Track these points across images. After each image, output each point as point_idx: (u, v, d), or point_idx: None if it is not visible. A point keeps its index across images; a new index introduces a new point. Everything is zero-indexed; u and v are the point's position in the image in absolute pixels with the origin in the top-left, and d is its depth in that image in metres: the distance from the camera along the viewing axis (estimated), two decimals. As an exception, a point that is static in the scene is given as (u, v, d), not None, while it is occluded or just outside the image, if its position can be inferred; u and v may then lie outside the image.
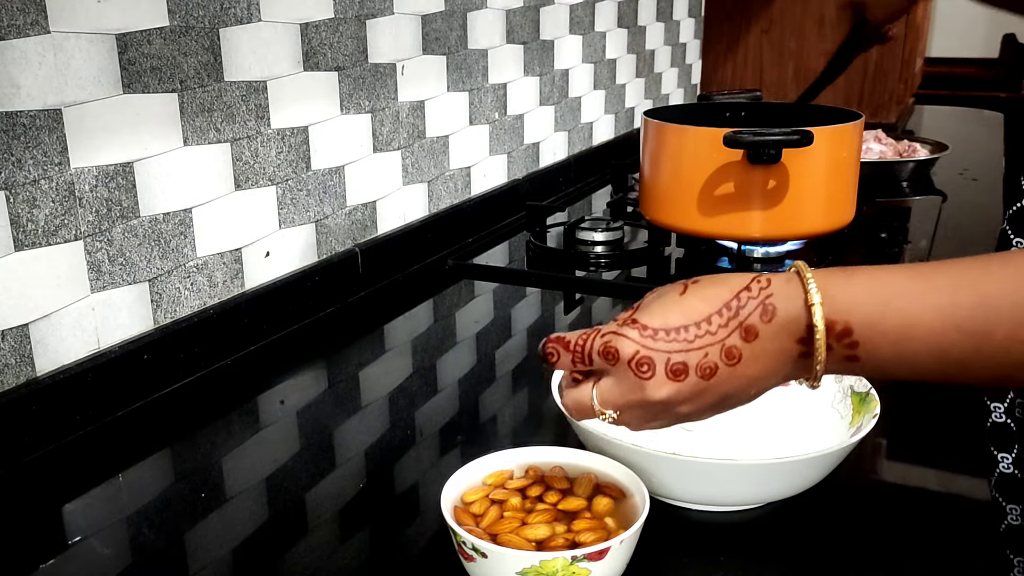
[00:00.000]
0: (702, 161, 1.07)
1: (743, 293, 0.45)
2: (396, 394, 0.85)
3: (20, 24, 0.69)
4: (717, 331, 0.45)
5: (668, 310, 0.47)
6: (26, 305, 0.73)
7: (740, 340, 0.45)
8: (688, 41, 2.14)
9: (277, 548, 0.61)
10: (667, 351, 0.46)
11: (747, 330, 0.45)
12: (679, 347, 0.46)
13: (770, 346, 0.45)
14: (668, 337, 0.46)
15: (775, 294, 0.45)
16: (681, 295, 0.47)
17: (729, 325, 0.45)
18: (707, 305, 0.46)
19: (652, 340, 0.47)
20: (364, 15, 1.06)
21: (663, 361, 0.46)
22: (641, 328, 0.47)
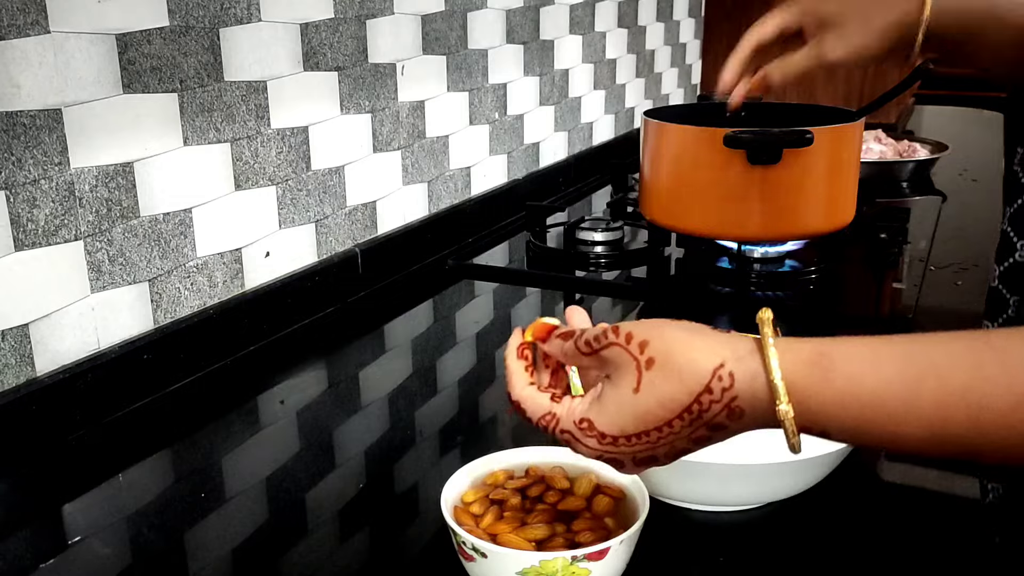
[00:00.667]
0: (702, 161, 1.07)
1: (704, 396, 0.41)
2: (396, 394, 0.85)
3: (20, 24, 0.69)
4: (681, 431, 0.43)
5: (623, 414, 0.44)
6: (26, 305, 0.73)
7: (707, 431, 0.42)
8: (688, 41, 2.13)
9: (277, 548, 0.61)
10: (631, 452, 0.44)
11: (714, 427, 0.42)
12: (642, 448, 0.44)
13: (746, 429, 0.42)
14: (629, 443, 0.44)
15: (739, 396, 0.41)
16: (635, 392, 0.43)
17: (693, 426, 0.42)
18: (665, 411, 0.42)
19: (613, 447, 0.44)
20: (364, 15, 1.06)
21: (629, 459, 0.45)
22: (599, 437, 0.45)
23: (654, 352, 0.43)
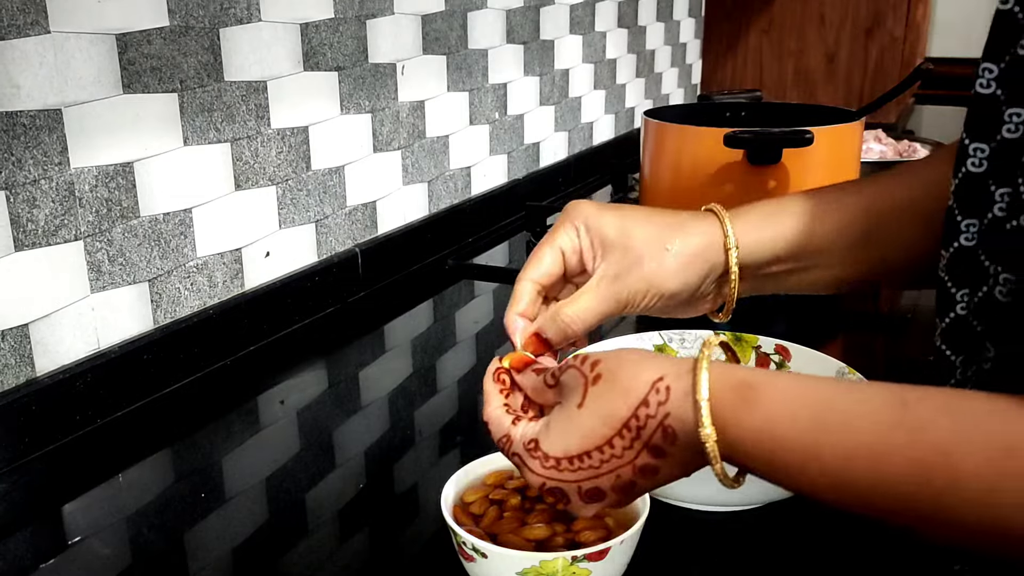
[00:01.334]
0: (702, 161, 1.07)
1: (641, 409, 0.41)
2: (396, 394, 0.85)
3: (20, 24, 0.69)
4: (623, 454, 0.42)
5: (568, 432, 0.43)
6: (26, 305, 0.73)
7: (651, 458, 0.41)
8: (688, 41, 2.14)
9: (277, 548, 0.61)
10: (575, 480, 0.43)
11: (654, 450, 0.41)
12: (586, 475, 0.43)
13: (684, 457, 0.41)
14: (572, 467, 0.43)
15: (672, 413, 0.40)
16: (579, 407, 0.43)
17: (634, 447, 0.41)
18: (605, 427, 0.42)
19: (556, 471, 0.44)
20: (364, 15, 1.06)
21: (574, 490, 0.44)
22: (543, 458, 0.44)
23: (603, 369, 0.43)
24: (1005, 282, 0.39)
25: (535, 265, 0.52)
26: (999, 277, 0.40)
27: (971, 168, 0.42)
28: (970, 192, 0.42)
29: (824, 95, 2.20)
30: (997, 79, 0.41)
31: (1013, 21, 0.40)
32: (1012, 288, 0.39)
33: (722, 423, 0.39)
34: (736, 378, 0.40)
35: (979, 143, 0.41)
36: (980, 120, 0.41)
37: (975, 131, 0.42)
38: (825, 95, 2.20)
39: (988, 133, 0.41)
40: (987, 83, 0.41)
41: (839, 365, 0.72)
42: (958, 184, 0.43)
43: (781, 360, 0.75)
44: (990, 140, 0.41)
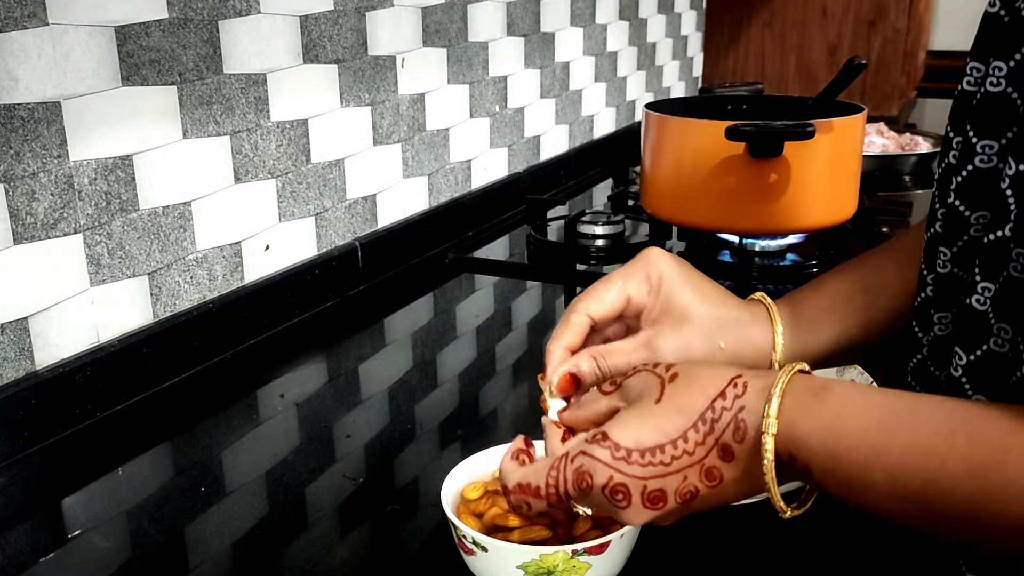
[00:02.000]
0: (704, 154, 1.06)
1: (718, 402, 0.42)
2: (396, 388, 0.85)
3: (18, 16, 0.68)
4: (695, 450, 0.42)
5: (643, 424, 0.43)
6: (25, 299, 0.73)
7: (719, 460, 0.42)
8: (690, 34, 2.13)
9: (277, 542, 0.61)
10: (643, 477, 0.43)
11: (724, 449, 0.42)
12: (655, 472, 0.42)
13: (749, 468, 0.42)
14: (643, 460, 0.42)
15: (747, 407, 0.41)
16: (657, 402, 0.43)
17: (706, 442, 0.42)
18: (682, 418, 0.42)
19: (626, 464, 0.43)
20: (364, 7, 1.05)
21: (639, 489, 0.43)
22: (614, 448, 0.43)
23: (679, 369, 0.44)
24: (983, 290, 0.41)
25: (597, 301, 0.52)
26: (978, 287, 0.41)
27: (979, 164, 0.42)
28: (979, 188, 0.43)
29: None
30: (1007, 77, 0.41)
31: (1000, 23, 0.41)
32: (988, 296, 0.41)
33: (794, 418, 0.41)
34: (812, 382, 0.42)
35: (988, 140, 0.42)
36: (990, 117, 0.42)
37: (984, 129, 0.42)
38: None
39: (999, 129, 0.42)
40: (997, 81, 0.42)
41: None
42: (963, 180, 0.43)
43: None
44: (1001, 136, 0.41)
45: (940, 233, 0.45)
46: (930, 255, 0.46)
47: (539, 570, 0.51)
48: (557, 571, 0.51)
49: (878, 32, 2.11)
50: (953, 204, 0.44)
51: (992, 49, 0.42)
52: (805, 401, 0.41)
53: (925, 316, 0.47)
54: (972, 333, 0.42)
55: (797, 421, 0.40)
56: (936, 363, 0.46)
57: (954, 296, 0.45)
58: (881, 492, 0.39)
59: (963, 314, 0.43)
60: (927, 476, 0.37)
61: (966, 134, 0.43)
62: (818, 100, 1.13)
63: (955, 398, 0.40)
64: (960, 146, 0.44)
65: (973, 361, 0.42)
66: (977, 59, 0.44)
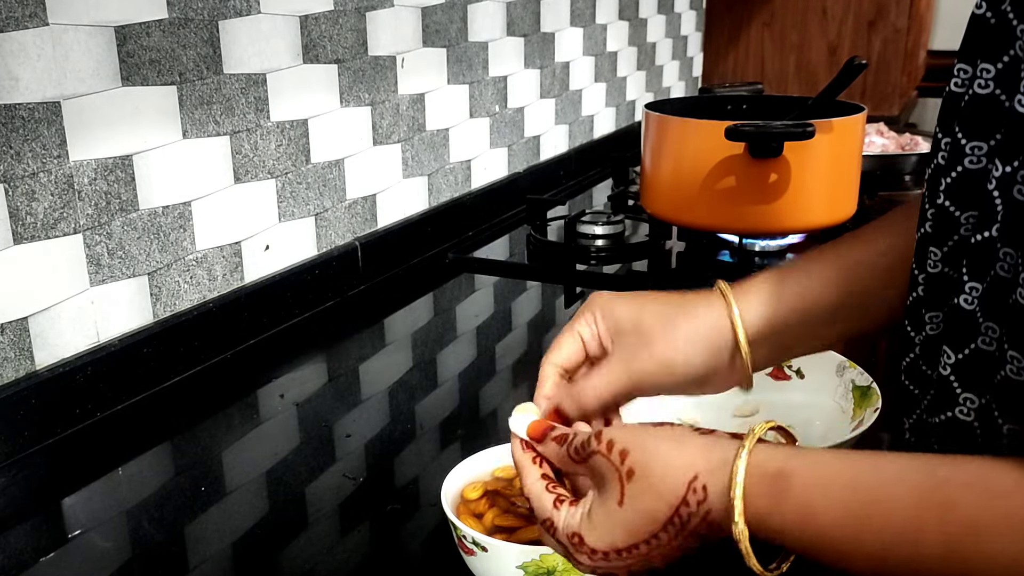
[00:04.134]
0: (703, 154, 1.06)
1: (683, 509, 0.42)
2: (396, 388, 0.85)
3: (19, 16, 0.68)
4: (669, 542, 0.43)
5: (613, 528, 0.45)
6: (25, 298, 0.73)
7: (696, 542, 0.43)
8: (689, 34, 2.13)
9: (277, 542, 0.61)
10: (625, 566, 0.45)
11: (698, 536, 0.43)
12: (635, 561, 0.45)
13: (728, 536, 0.43)
14: (620, 557, 0.45)
15: (712, 510, 0.42)
16: (620, 505, 0.44)
17: (679, 536, 0.43)
18: (649, 524, 0.43)
19: (605, 562, 0.45)
20: (364, 7, 1.05)
21: (624, 571, 0.45)
22: (590, 553, 0.45)
23: (633, 463, 0.44)
24: (971, 290, 0.41)
25: (556, 351, 0.55)
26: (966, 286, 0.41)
27: (968, 166, 0.43)
28: (968, 188, 0.43)
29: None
30: (995, 79, 0.42)
31: (987, 25, 0.42)
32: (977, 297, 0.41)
33: (762, 515, 0.41)
34: (771, 469, 0.41)
35: (977, 141, 0.42)
36: (978, 119, 0.42)
37: (973, 131, 0.42)
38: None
39: (987, 131, 0.42)
40: (985, 83, 0.42)
41: (840, 359, 0.72)
42: (952, 181, 0.43)
43: (782, 354, 0.74)
44: (989, 138, 0.42)
45: (930, 233, 0.45)
46: (921, 255, 0.46)
47: (539, 570, 0.51)
48: (557, 571, 0.51)
49: (878, 32, 2.11)
50: (943, 205, 0.44)
51: (979, 51, 0.43)
52: (767, 497, 0.41)
53: (917, 315, 0.47)
54: (960, 332, 0.42)
55: (768, 519, 0.41)
56: (928, 362, 0.47)
57: (945, 296, 0.45)
58: (866, 572, 0.39)
59: (952, 314, 0.43)
60: (907, 559, 0.38)
61: (955, 135, 0.44)
62: (818, 100, 1.13)
63: (920, 463, 0.39)
64: (949, 147, 0.44)
65: (961, 360, 0.42)
66: (964, 60, 0.44)
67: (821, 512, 0.40)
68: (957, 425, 0.42)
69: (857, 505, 0.39)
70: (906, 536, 0.37)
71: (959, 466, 0.38)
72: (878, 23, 2.10)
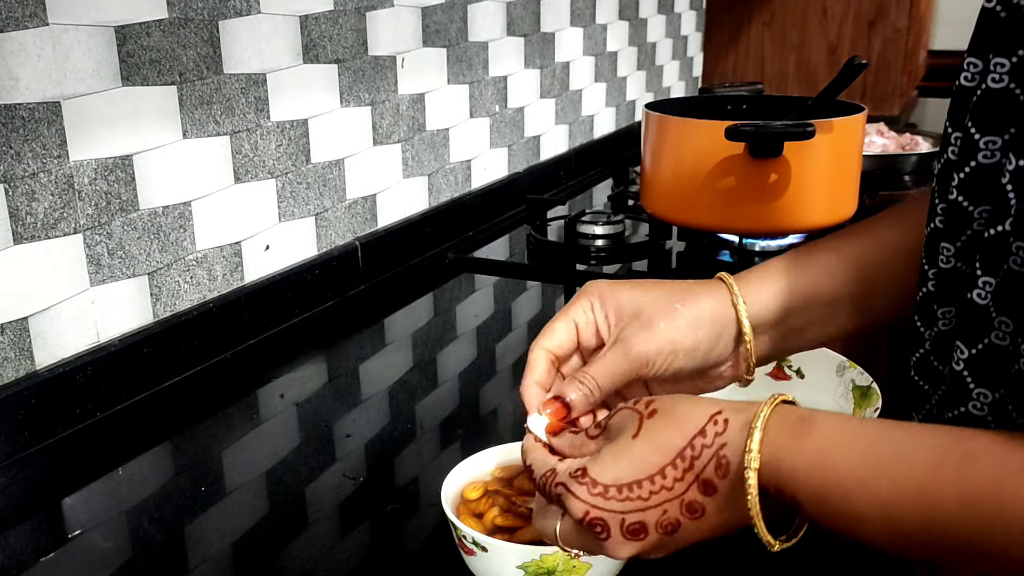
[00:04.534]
0: (703, 154, 1.06)
1: (697, 439, 0.41)
2: (396, 388, 0.85)
3: (19, 16, 0.68)
4: (673, 486, 0.42)
5: (619, 460, 0.43)
6: (25, 298, 0.73)
7: (700, 494, 0.42)
8: (689, 34, 2.13)
9: (277, 542, 0.61)
10: (620, 511, 0.43)
11: (705, 484, 0.41)
12: (633, 507, 0.42)
13: (733, 502, 0.42)
14: (620, 496, 0.42)
15: (728, 444, 0.41)
16: (634, 438, 0.43)
17: (685, 479, 0.42)
18: (659, 455, 0.42)
19: (603, 499, 0.43)
20: (364, 7, 1.05)
21: (617, 522, 0.43)
22: (591, 484, 0.43)
23: (658, 405, 0.44)
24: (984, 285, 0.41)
25: (549, 336, 0.53)
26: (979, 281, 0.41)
27: (982, 160, 0.43)
28: (981, 183, 0.43)
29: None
30: (1010, 73, 0.41)
31: (997, 19, 0.42)
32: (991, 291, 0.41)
33: (778, 453, 0.40)
34: (793, 415, 0.41)
35: (991, 136, 0.42)
36: (992, 113, 0.42)
37: (987, 125, 0.42)
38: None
39: (1001, 125, 0.42)
40: (999, 77, 0.42)
41: (840, 359, 0.72)
42: (965, 176, 0.43)
43: (782, 354, 0.74)
44: (1003, 132, 0.42)
45: (941, 229, 0.45)
46: (931, 250, 0.46)
47: (539, 570, 0.51)
48: (557, 571, 0.51)
49: (878, 32, 2.11)
50: (956, 200, 0.44)
51: (991, 45, 0.42)
52: (788, 435, 0.40)
53: (928, 311, 0.47)
54: (973, 327, 0.42)
55: (782, 455, 0.40)
56: (939, 358, 0.46)
57: (957, 291, 0.45)
58: (876, 528, 0.38)
59: (965, 308, 0.43)
60: (921, 514, 0.37)
61: (967, 130, 0.43)
62: (818, 100, 1.13)
63: (940, 427, 0.39)
64: (960, 142, 0.44)
65: (975, 355, 0.42)
66: (975, 55, 0.44)
67: (839, 456, 0.39)
68: (970, 420, 0.42)
69: (876, 454, 0.38)
70: (924, 490, 0.36)
71: (980, 432, 0.38)
72: (878, 23, 2.10)
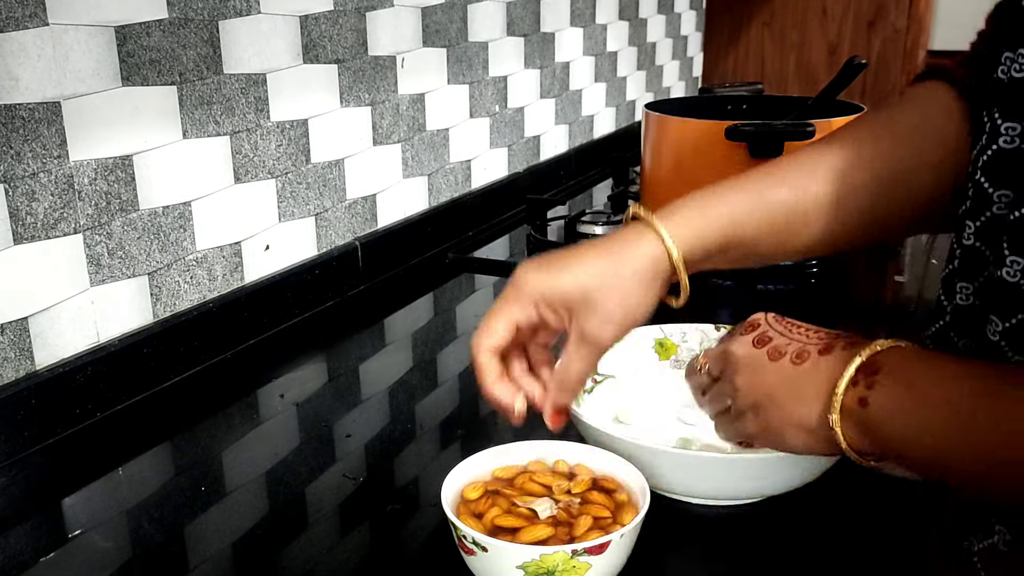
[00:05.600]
0: (704, 154, 1.06)
1: (838, 340, 0.50)
2: (396, 388, 0.85)
3: (19, 16, 0.68)
4: (811, 338, 0.51)
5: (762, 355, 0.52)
6: (25, 298, 0.73)
7: (817, 354, 0.49)
8: (689, 34, 2.13)
9: (277, 542, 0.61)
10: (788, 340, 0.51)
11: (826, 348, 0.49)
12: (797, 338, 0.51)
13: (823, 374, 0.48)
14: (787, 330, 0.52)
15: (856, 341, 0.48)
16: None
17: (818, 337, 0.51)
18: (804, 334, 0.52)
19: (777, 322, 0.54)
20: (364, 7, 1.05)
21: (786, 345, 0.51)
22: (760, 335, 0.53)
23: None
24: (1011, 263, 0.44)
25: (488, 335, 0.56)
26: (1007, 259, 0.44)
27: (1003, 145, 0.45)
28: (1002, 167, 0.45)
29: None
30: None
31: (1020, 11, 0.44)
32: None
33: (895, 366, 0.45)
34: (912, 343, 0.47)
35: (1012, 122, 0.45)
36: (1015, 100, 0.45)
37: (1010, 111, 0.45)
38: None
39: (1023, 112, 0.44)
40: (1021, 67, 0.45)
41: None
42: (988, 158, 0.46)
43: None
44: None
45: (968, 208, 0.47)
46: (959, 228, 0.48)
47: (539, 570, 0.51)
48: (557, 571, 0.51)
49: (878, 32, 2.11)
50: (979, 181, 0.46)
51: (1018, 37, 0.45)
52: (908, 356, 0.45)
53: (950, 285, 0.49)
54: (1006, 302, 0.44)
55: (896, 372, 0.45)
56: (957, 331, 0.49)
57: (977, 268, 0.47)
58: (968, 457, 0.42)
59: (993, 285, 0.45)
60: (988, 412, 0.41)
61: (993, 116, 0.46)
62: (818, 100, 1.13)
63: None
64: (988, 127, 0.46)
65: (1010, 327, 0.44)
66: (1009, 48, 0.46)
67: (938, 386, 0.43)
68: None
69: (978, 385, 0.42)
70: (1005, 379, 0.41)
71: None
72: (878, 23, 2.10)
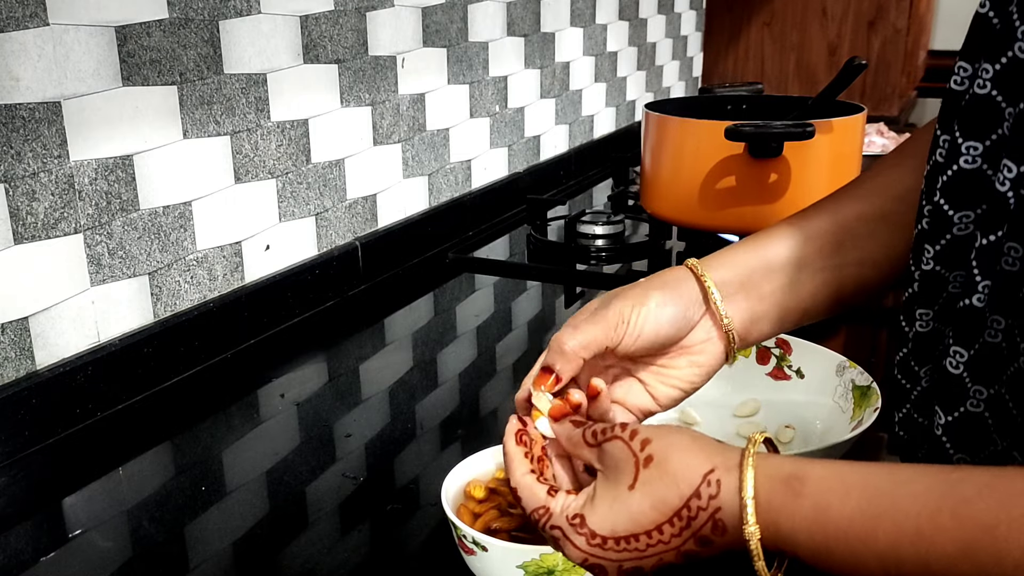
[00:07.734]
0: (703, 154, 1.07)
1: (693, 501, 0.42)
2: (396, 388, 0.85)
3: (19, 16, 0.69)
4: (670, 540, 0.43)
5: (617, 513, 0.44)
6: (26, 298, 0.73)
7: (696, 547, 0.42)
8: (689, 34, 2.13)
9: (277, 541, 0.61)
10: (617, 560, 0.44)
11: (701, 540, 0.42)
12: (630, 556, 0.43)
13: (727, 549, 0.42)
14: (618, 547, 0.44)
15: (723, 508, 0.41)
16: (630, 489, 0.44)
17: (682, 535, 0.42)
18: (656, 512, 0.43)
19: (600, 550, 0.44)
20: (364, 7, 1.05)
21: (615, 568, 0.44)
22: (589, 535, 0.44)
23: (654, 450, 0.44)
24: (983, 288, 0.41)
25: (584, 337, 0.52)
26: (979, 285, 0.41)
27: (964, 165, 0.43)
28: (963, 188, 0.43)
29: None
30: (993, 80, 0.42)
31: (989, 25, 0.42)
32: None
33: (775, 516, 0.40)
34: (784, 471, 0.41)
35: (974, 141, 0.42)
36: (975, 119, 0.42)
37: (970, 130, 0.43)
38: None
39: (983, 131, 0.42)
40: (983, 83, 0.42)
41: (840, 359, 0.72)
42: (948, 179, 0.44)
43: (781, 354, 0.75)
44: (985, 139, 0.42)
45: (926, 230, 0.45)
46: (917, 252, 0.46)
47: (539, 570, 0.51)
48: (557, 571, 0.51)
49: (878, 32, 2.11)
50: (938, 203, 0.44)
51: (980, 50, 0.43)
52: (781, 497, 0.40)
53: (910, 311, 0.47)
54: (969, 330, 0.42)
55: (779, 520, 0.40)
56: (917, 359, 0.47)
57: (935, 293, 0.45)
58: (875, 574, 0.38)
59: (959, 313, 0.43)
60: (919, 560, 0.37)
61: (953, 134, 0.44)
62: (818, 100, 1.13)
63: (934, 468, 0.39)
64: (947, 145, 0.44)
65: (973, 356, 0.42)
66: (965, 59, 0.44)
67: (836, 511, 0.39)
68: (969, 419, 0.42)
69: (871, 504, 0.38)
70: (921, 534, 0.37)
71: (974, 471, 0.38)
72: (878, 23, 2.10)
